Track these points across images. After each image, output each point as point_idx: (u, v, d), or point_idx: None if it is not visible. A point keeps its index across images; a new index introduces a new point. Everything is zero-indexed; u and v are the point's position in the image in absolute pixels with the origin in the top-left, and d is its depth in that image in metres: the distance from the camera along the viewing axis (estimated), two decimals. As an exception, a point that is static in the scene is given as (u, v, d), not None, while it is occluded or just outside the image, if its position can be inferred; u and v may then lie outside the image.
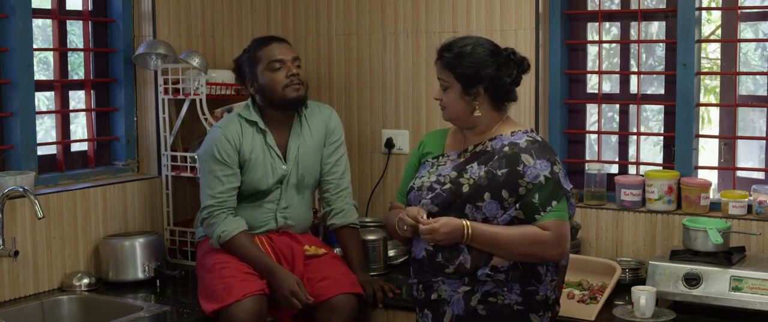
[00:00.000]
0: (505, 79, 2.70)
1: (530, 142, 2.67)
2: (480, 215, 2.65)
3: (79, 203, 3.55)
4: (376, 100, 4.06)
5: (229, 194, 3.30)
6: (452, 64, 2.70)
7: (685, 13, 3.48)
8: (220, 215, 3.27)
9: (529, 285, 2.66)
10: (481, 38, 2.76)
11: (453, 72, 2.70)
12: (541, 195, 2.61)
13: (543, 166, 2.63)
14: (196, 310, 3.21)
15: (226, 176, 3.30)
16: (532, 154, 2.64)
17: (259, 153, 3.34)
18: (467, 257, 2.66)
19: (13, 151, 3.45)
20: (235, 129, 3.33)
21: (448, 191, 2.68)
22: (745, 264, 3.08)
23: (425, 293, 2.75)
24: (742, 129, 4.15)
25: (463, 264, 2.66)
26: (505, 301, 2.66)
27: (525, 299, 2.66)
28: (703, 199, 3.45)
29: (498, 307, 2.66)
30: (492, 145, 2.71)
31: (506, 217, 2.64)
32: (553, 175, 2.62)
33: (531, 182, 2.61)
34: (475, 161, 2.70)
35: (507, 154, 2.66)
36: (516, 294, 2.66)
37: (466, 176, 2.68)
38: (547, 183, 2.61)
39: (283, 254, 3.33)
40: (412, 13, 3.93)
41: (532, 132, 2.74)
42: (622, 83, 3.82)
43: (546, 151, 2.67)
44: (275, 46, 3.36)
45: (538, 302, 2.68)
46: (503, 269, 2.65)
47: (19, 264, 3.32)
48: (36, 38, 3.58)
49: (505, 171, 2.63)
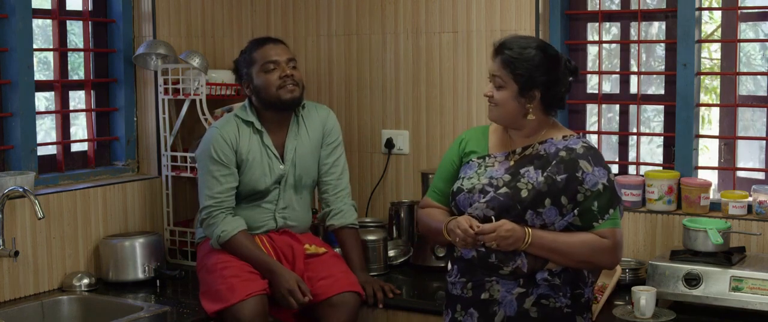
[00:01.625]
0: (562, 88, 2.68)
1: (587, 149, 2.66)
2: (539, 220, 2.62)
3: (79, 203, 3.55)
4: (376, 100, 4.06)
5: (228, 194, 3.30)
6: (512, 64, 2.63)
7: (685, 13, 3.48)
8: (219, 215, 3.27)
9: (576, 288, 2.69)
10: (542, 41, 2.70)
11: (513, 72, 2.63)
12: (600, 202, 2.61)
13: (601, 173, 2.62)
14: (197, 310, 3.21)
15: (224, 176, 3.30)
16: (589, 161, 2.63)
17: (257, 153, 3.34)
18: (524, 260, 2.64)
19: (13, 151, 3.45)
20: (232, 129, 3.33)
21: (506, 195, 2.63)
22: (745, 264, 3.07)
23: (473, 292, 2.71)
24: (742, 129, 4.15)
25: (520, 267, 2.64)
26: (556, 304, 2.67)
27: (573, 302, 2.69)
28: (703, 199, 3.44)
29: (549, 310, 2.67)
30: (544, 148, 2.68)
31: (563, 223, 2.63)
32: (610, 183, 2.63)
33: (590, 189, 2.60)
34: (530, 164, 2.67)
35: (564, 159, 2.64)
36: (566, 297, 2.67)
37: (523, 180, 2.64)
38: (605, 191, 2.61)
39: (284, 253, 3.34)
40: (412, 13, 3.93)
41: (583, 137, 2.74)
42: (622, 83, 3.82)
43: (601, 158, 2.68)
44: (270, 46, 3.36)
45: (583, 304, 2.72)
46: (557, 271, 2.66)
47: (19, 264, 3.32)
48: (36, 38, 3.58)
49: (564, 177, 2.61)
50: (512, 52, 2.63)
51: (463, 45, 3.80)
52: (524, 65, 2.62)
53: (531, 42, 2.67)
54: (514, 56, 2.62)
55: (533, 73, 2.62)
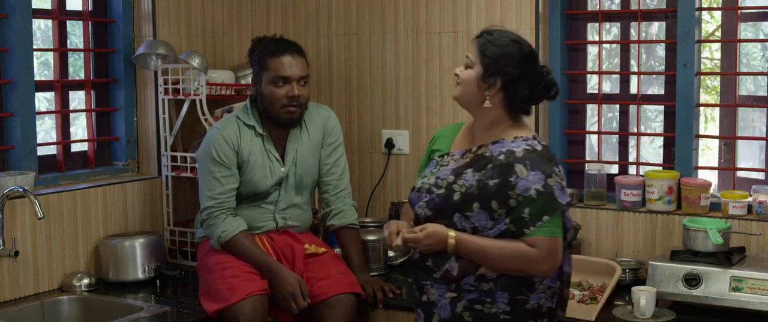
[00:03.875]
0: (523, 89, 2.58)
1: (527, 152, 2.54)
2: (469, 224, 2.57)
3: (79, 203, 3.55)
4: (376, 100, 4.06)
5: (229, 194, 3.30)
6: (484, 46, 2.59)
7: (685, 14, 3.48)
8: (219, 215, 3.27)
9: (518, 294, 2.58)
10: (525, 41, 2.64)
11: (481, 54, 2.59)
12: (532, 209, 2.49)
13: (536, 178, 2.49)
14: (196, 310, 3.21)
15: (225, 177, 3.29)
16: (526, 165, 2.51)
17: (258, 155, 3.34)
18: (454, 264, 2.59)
19: (13, 151, 3.45)
20: (233, 130, 3.32)
21: (440, 196, 2.61)
22: (745, 264, 3.07)
23: (418, 293, 2.72)
24: (742, 129, 4.15)
25: (449, 271, 2.59)
26: (491, 310, 2.58)
27: (513, 309, 2.58)
28: (703, 199, 3.44)
29: (483, 315, 2.59)
30: (492, 149, 2.60)
31: (496, 230, 2.54)
32: (547, 188, 2.49)
33: (522, 195, 2.49)
34: (474, 165, 2.61)
35: (501, 163, 2.54)
36: (503, 303, 2.58)
37: (460, 182, 2.59)
38: (538, 197, 2.49)
39: (284, 252, 3.34)
40: (412, 13, 3.93)
41: (533, 139, 2.60)
42: (622, 83, 3.82)
43: (543, 161, 2.53)
44: (287, 60, 3.29)
45: (529, 311, 2.59)
46: (491, 277, 2.57)
47: (19, 264, 3.32)
48: (36, 39, 3.58)
49: (496, 182, 2.52)
50: (490, 36, 2.62)
51: (463, 45, 3.80)
52: (493, 50, 2.58)
53: (512, 35, 2.63)
54: (489, 40, 2.61)
55: (499, 61, 2.57)
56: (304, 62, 3.36)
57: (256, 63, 3.34)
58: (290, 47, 3.34)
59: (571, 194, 3.68)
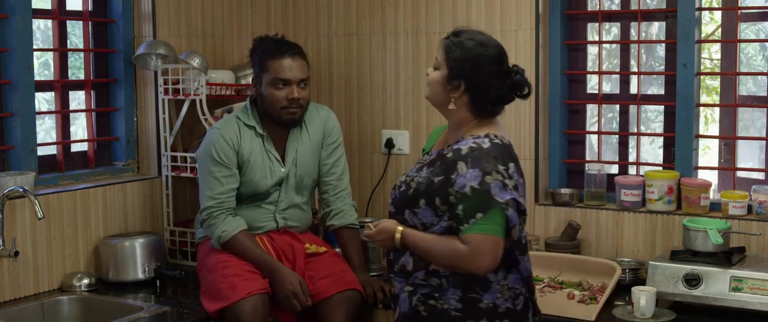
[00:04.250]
0: (491, 91, 2.59)
1: (471, 150, 2.54)
2: (417, 220, 2.60)
3: (79, 204, 3.55)
4: (376, 100, 4.06)
5: (229, 194, 3.30)
6: (450, 49, 2.61)
7: (685, 14, 3.48)
8: (219, 215, 3.27)
9: (471, 293, 2.58)
10: (494, 41, 2.64)
11: (447, 56, 2.61)
12: (465, 206, 2.49)
13: (473, 176, 2.49)
14: (197, 310, 3.21)
15: (225, 177, 3.29)
16: (467, 163, 2.51)
17: (258, 156, 3.34)
18: (409, 259, 2.63)
19: (13, 151, 3.45)
20: (234, 130, 3.32)
21: (400, 193, 2.66)
22: (745, 264, 3.07)
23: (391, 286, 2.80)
24: (742, 129, 4.15)
25: (405, 265, 2.64)
26: (444, 305, 2.60)
27: (465, 306, 2.58)
28: (703, 199, 3.44)
29: (437, 310, 2.61)
30: (452, 148, 2.61)
31: (439, 227, 2.57)
32: (483, 185, 2.47)
33: (458, 192, 2.50)
34: (432, 165, 2.63)
35: (447, 160, 2.56)
36: (455, 300, 2.59)
37: (417, 179, 2.63)
38: (472, 194, 2.48)
39: (284, 252, 3.34)
40: (412, 14, 3.93)
41: (485, 137, 2.58)
42: (622, 84, 3.82)
43: (486, 159, 2.51)
44: (287, 62, 3.28)
45: (482, 310, 2.59)
46: (444, 274, 2.59)
47: (19, 264, 3.32)
48: (36, 39, 3.58)
49: (440, 179, 2.55)
50: (456, 38, 2.62)
51: (463, 45, 3.80)
52: (457, 53, 2.59)
53: (479, 37, 2.62)
54: (454, 43, 2.61)
55: (463, 64, 2.58)
56: (305, 64, 3.35)
57: (257, 63, 3.34)
58: (291, 49, 3.33)
59: (570, 194, 3.69)
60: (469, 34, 2.62)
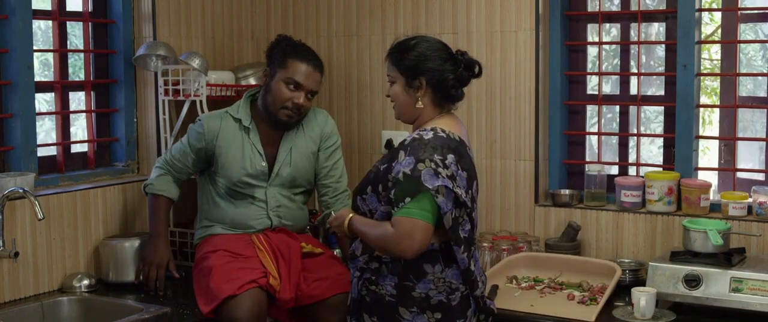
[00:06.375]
0: (448, 75, 2.74)
1: (413, 140, 2.69)
2: (366, 207, 2.77)
3: (79, 204, 3.56)
4: (376, 101, 4.06)
5: (180, 167, 3.48)
6: (397, 59, 2.77)
7: (685, 15, 3.48)
8: (165, 173, 3.49)
9: (405, 280, 2.70)
10: (429, 37, 2.82)
11: (397, 66, 2.77)
12: (396, 191, 2.62)
13: (407, 163, 2.63)
14: (196, 312, 3.21)
15: (186, 155, 3.46)
16: (406, 151, 2.66)
17: (238, 149, 3.39)
18: (358, 244, 2.80)
19: (13, 152, 3.45)
20: (215, 123, 3.41)
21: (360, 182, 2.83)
22: (745, 265, 3.07)
23: None
24: (742, 130, 4.15)
25: (353, 251, 2.81)
26: (381, 291, 2.74)
27: (399, 293, 2.71)
28: (703, 200, 3.45)
29: (377, 296, 2.75)
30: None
31: (380, 212, 2.71)
32: (414, 172, 2.60)
33: (394, 178, 2.64)
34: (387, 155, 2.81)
35: (393, 149, 2.75)
36: (391, 286, 2.72)
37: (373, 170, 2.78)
38: (404, 179, 2.61)
39: (280, 250, 3.33)
40: (412, 14, 3.93)
41: (430, 130, 2.72)
42: (622, 84, 3.82)
43: (423, 149, 2.64)
44: (307, 69, 3.35)
45: (414, 299, 2.70)
46: (385, 260, 2.73)
47: (19, 265, 3.32)
48: (36, 39, 3.58)
49: (384, 167, 2.71)
50: (396, 49, 2.80)
51: (463, 45, 3.80)
52: (405, 58, 2.75)
53: (416, 38, 2.79)
54: (398, 51, 2.78)
55: (414, 61, 2.74)
56: (320, 79, 3.43)
57: (278, 56, 3.37)
58: (315, 60, 3.41)
59: (570, 195, 3.69)
60: (403, 42, 2.81)
